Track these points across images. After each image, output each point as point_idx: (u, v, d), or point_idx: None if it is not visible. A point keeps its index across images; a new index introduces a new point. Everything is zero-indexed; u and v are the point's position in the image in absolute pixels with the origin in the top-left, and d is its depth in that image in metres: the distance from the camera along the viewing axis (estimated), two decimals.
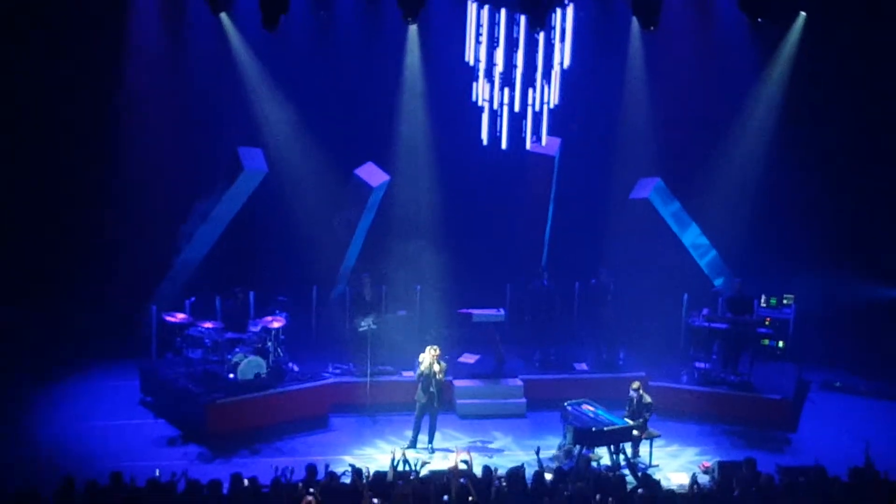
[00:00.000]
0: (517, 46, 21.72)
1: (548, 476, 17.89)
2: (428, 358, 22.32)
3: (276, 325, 24.33)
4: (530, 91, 22.05)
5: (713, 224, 29.00)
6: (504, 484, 17.09)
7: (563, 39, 22.13)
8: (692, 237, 28.83)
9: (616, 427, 21.24)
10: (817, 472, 17.77)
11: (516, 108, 22.19)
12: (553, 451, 21.45)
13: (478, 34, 22.04)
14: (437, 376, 22.26)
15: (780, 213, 29.03)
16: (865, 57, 28.00)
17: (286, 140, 28.49)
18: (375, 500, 15.90)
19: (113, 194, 27.52)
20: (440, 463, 20.05)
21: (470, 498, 16.19)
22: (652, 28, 25.64)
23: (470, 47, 22.06)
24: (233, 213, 27.35)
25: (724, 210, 28.90)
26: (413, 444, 22.38)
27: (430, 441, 22.51)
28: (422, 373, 22.36)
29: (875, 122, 28.49)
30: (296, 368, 24.90)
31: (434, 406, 22.37)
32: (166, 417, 23.68)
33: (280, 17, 23.61)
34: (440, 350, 22.66)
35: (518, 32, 21.89)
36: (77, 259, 27.38)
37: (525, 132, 22.46)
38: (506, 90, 22.04)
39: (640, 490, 16.90)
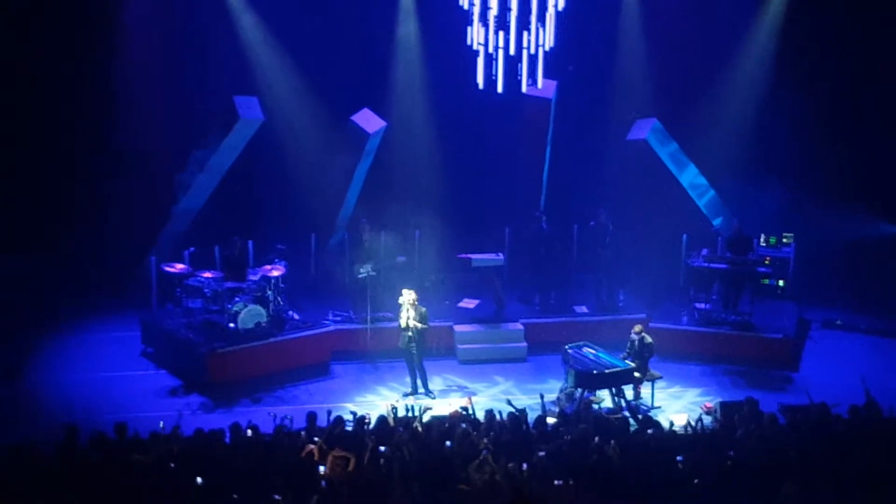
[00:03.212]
0: None
1: (550, 420, 17.96)
2: (404, 303, 22.32)
3: (275, 273, 24.33)
4: (525, 34, 21.90)
5: (711, 164, 28.93)
6: (506, 426, 17.16)
7: None
8: (690, 177, 28.77)
9: (617, 369, 21.26)
10: (820, 409, 17.81)
11: (511, 52, 22.06)
12: (555, 395, 21.46)
13: None
14: (411, 322, 22.24)
15: (777, 151, 28.95)
16: None
17: (282, 88, 28.42)
18: (382, 448, 15.94)
19: (109, 145, 27.45)
20: (442, 409, 20.05)
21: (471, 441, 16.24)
22: None
23: None
24: (230, 162, 27.26)
25: (721, 149, 28.82)
26: (414, 391, 22.46)
27: (425, 387, 22.54)
28: (400, 318, 22.42)
29: (873, 58, 28.36)
30: (296, 316, 24.94)
31: (412, 353, 22.41)
32: (167, 368, 23.76)
33: None
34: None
35: None
36: (76, 210, 27.37)
37: (521, 75, 22.34)
38: (501, 33, 21.90)
39: (650, 431, 16.95)
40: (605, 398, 21.48)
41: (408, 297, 22.23)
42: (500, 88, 22.57)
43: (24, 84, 26.72)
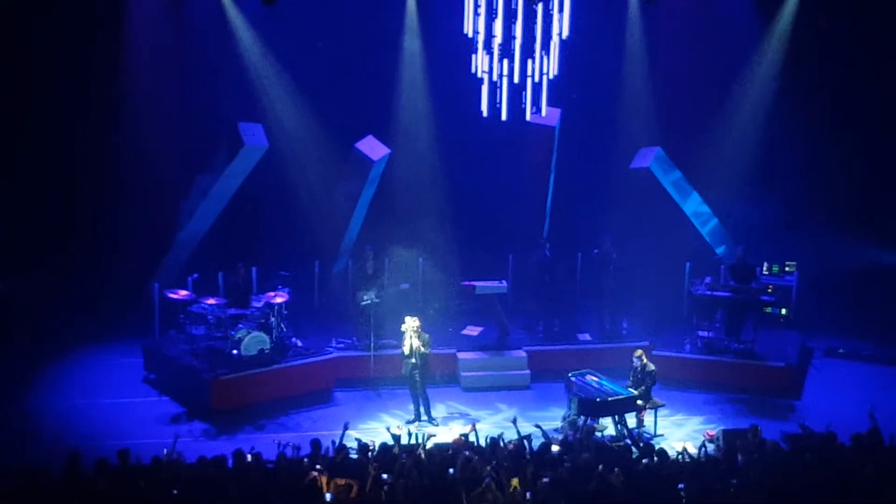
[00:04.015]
0: (516, 17, 21.55)
1: (554, 448, 17.95)
2: (407, 330, 22.36)
3: (278, 300, 24.35)
4: (529, 62, 21.89)
5: (714, 192, 28.96)
6: (509, 451, 17.16)
7: (561, 10, 21.92)
8: (693, 206, 28.79)
9: (620, 397, 21.26)
10: (824, 438, 17.81)
11: (516, 80, 22.05)
12: (558, 423, 21.47)
13: (476, 6, 21.87)
14: (415, 348, 22.24)
15: (780, 180, 29.06)
16: (863, 21, 27.91)
17: (287, 115, 28.48)
18: (385, 476, 15.93)
19: (114, 171, 27.54)
20: (445, 436, 20.03)
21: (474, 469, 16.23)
22: None
23: (468, 19, 21.88)
24: (234, 188, 27.31)
25: (725, 178, 28.91)
26: (417, 418, 22.44)
27: (428, 414, 22.53)
28: (403, 346, 22.47)
29: (874, 87, 28.42)
30: (299, 343, 24.96)
31: (416, 380, 22.41)
32: (170, 394, 23.76)
33: None
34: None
35: (516, 3, 21.70)
36: (80, 237, 27.43)
37: (525, 103, 22.35)
38: (505, 62, 21.91)
39: (644, 461, 16.94)
40: (608, 426, 21.48)
41: (411, 323, 22.28)
42: (504, 116, 22.59)
43: (29, 105, 26.76)
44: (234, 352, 23.38)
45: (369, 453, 17.38)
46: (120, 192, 27.57)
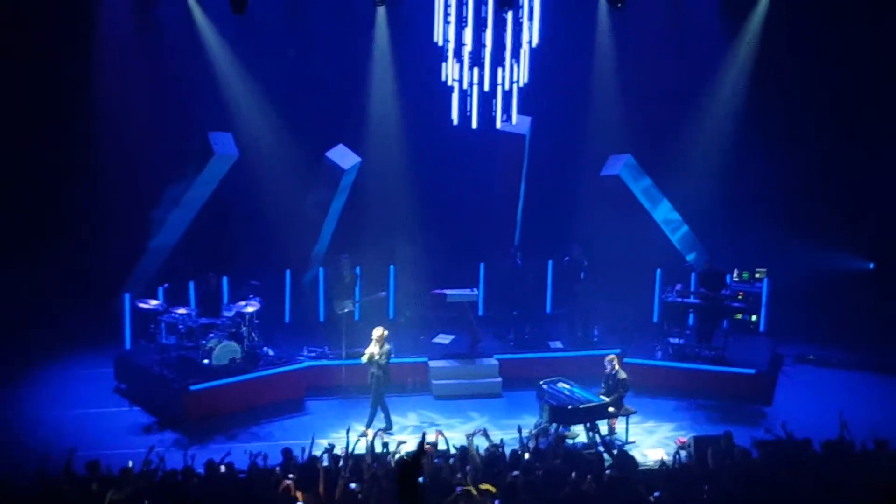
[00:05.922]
0: (486, 26, 21.66)
1: (525, 455, 17.94)
2: (373, 340, 22.37)
3: (249, 309, 24.34)
4: (499, 70, 22.01)
5: (685, 199, 29.04)
6: (480, 462, 17.11)
7: (531, 18, 22.08)
8: (664, 213, 28.87)
9: (592, 404, 21.28)
10: (796, 444, 17.84)
11: (486, 88, 22.14)
12: (529, 430, 21.46)
13: (446, 14, 21.99)
14: (375, 357, 22.28)
15: (751, 187, 29.16)
16: (834, 29, 28.03)
17: (257, 124, 28.37)
18: (353, 485, 15.89)
19: (84, 181, 27.40)
20: (414, 444, 19.99)
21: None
22: (619, 5, 25.98)
23: (439, 27, 21.99)
24: (204, 197, 27.24)
25: (695, 185, 28.98)
26: (388, 426, 22.43)
27: (370, 421, 22.36)
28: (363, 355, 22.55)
29: (844, 94, 28.56)
30: (271, 353, 24.93)
31: (373, 390, 22.40)
32: (141, 405, 23.67)
33: None
34: (388, 332, 22.66)
35: (486, 12, 21.85)
36: (49, 246, 27.23)
37: (495, 111, 22.42)
38: (475, 70, 21.99)
39: (607, 472, 16.94)
40: (579, 433, 21.50)
41: (376, 333, 22.28)
42: (474, 124, 22.63)
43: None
44: (205, 361, 23.35)
45: (339, 462, 17.34)
46: (89, 202, 27.45)
